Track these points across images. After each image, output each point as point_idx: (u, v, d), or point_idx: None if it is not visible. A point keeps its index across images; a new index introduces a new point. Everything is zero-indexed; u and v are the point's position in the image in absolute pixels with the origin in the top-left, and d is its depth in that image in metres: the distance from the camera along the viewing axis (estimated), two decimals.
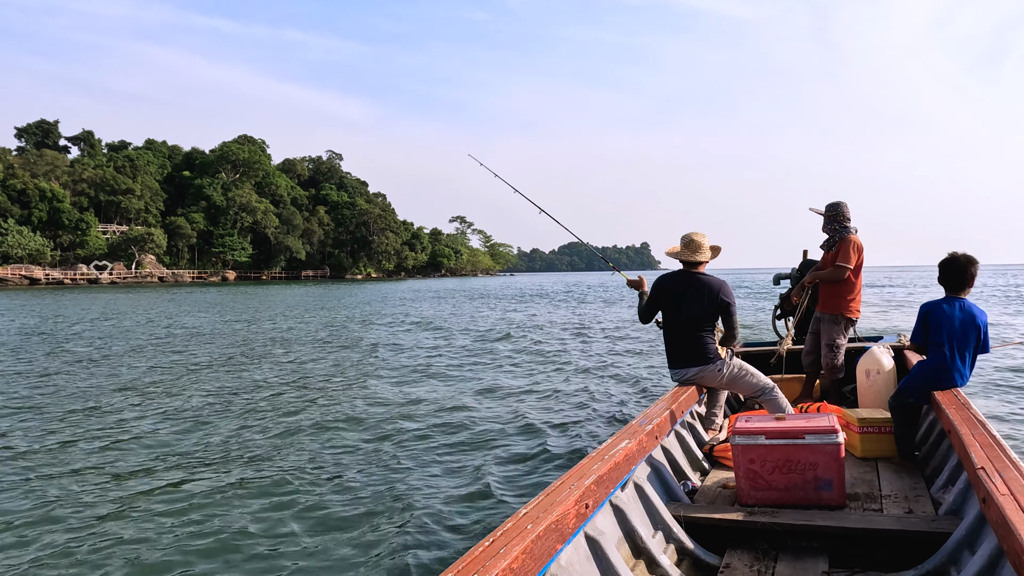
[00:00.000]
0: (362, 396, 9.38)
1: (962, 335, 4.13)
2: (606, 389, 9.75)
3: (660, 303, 4.92)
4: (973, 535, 2.78)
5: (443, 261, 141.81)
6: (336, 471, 5.83)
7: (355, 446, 6.67)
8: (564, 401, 8.88)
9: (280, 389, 10.01)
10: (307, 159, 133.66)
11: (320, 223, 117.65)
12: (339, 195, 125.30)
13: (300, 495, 5.20)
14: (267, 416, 8.07)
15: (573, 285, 71.78)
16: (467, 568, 1.87)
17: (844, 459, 3.51)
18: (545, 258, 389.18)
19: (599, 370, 11.73)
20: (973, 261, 4.18)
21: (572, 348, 15.12)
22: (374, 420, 7.84)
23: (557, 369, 11.90)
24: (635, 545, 2.99)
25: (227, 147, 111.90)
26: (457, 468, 5.85)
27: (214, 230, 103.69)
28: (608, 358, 13.17)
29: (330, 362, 13.24)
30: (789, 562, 3.03)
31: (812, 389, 6.03)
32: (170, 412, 8.39)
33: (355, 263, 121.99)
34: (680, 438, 4.42)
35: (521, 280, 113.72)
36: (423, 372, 11.89)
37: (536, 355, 14.04)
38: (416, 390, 9.89)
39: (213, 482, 5.49)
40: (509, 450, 6.42)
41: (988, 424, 3.35)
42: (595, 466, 2.82)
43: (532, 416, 7.87)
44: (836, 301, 5.75)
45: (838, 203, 5.89)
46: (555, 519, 2.26)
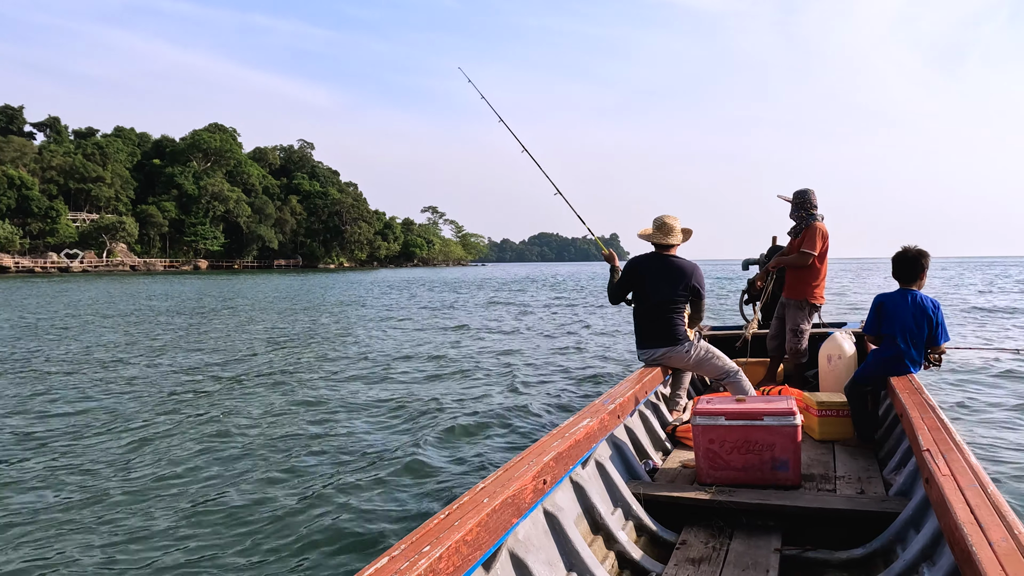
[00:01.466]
0: (323, 379, 9.38)
1: (915, 326, 4.22)
2: (573, 370, 9.77)
3: (631, 284, 4.98)
4: (919, 515, 2.84)
5: (415, 251, 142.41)
6: (289, 447, 5.90)
7: (314, 427, 6.66)
8: (529, 382, 8.91)
9: (248, 379, 9.76)
10: (278, 148, 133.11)
11: (292, 212, 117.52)
12: (311, 184, 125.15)
13: (249, 469, 5.28)
14: (232, 404, 7.87)
15: (552, 276, 71.77)
16: (421, 540, 1.89)
17: (801, 441, 3.57)
18: (515, 248, 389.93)
19: (566, 351, 11.86)
20: (924, 254, 4.30)
21: (540, 330, 15.16)
22: (338, 402, 7.82)
23: (523, 352, 11.87)
24: (594, 521, 3.04)
25: (198, 135, 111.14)
26: (418, 448, 5.82)
27: (186, 219, 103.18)
28: (575, 339, 13.18)
29: (306, 348, 13.26)
30: (744, 539, 3.10)
31: (776, 373, 6.09)
32: (130, 401, 8.17)
33: (328, 253, 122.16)
34: (644, 418, 4.51)
35: (494, 271, 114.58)
36: (389, 355, 11.86)
37: (504, 337, 14.03)
38: (381, 372, 9.91)
39: (152, 477, 5.25)
40: (472, 430, 6.41)
41: (938, 409, 3.40)
42: (555, 443, 2.85)
43: (496, 397, 7.92)
44: (801, 287, 5.79)
45: (805, 191, 5.92)
46: (512, 493, 2.28)
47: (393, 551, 1.83)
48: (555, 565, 2.58)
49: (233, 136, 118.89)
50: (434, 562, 1.78)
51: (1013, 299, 24.41)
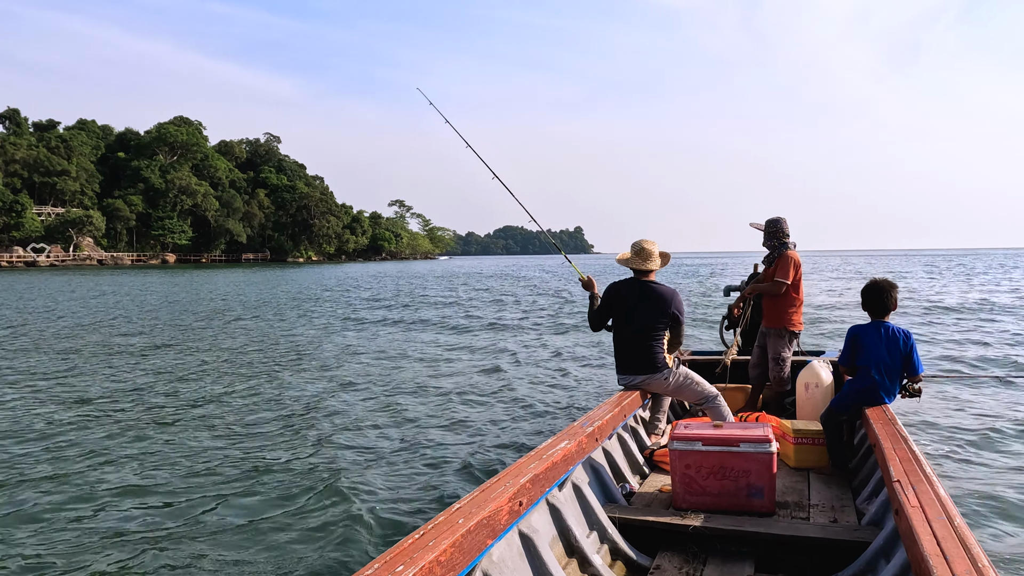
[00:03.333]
0: (298, 391, 9.24)
1: (888, 358, 4.25)
2: (551, 390, 9.55)
3: (611, 310, 4.96)
4: (890, 545, 2.85)
5: (384, 244, 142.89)
6: (266, 464, 5.81)
7: (286, 440, 6.63)
8: (507, 402, 8.70)
9: (211, 383, 9.74)
10: (244, 141, 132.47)
11: (260, 206, 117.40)
12: (279, 178, 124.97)
13: (226, 490, 5.19)
14: (198, 412, 7.89)
15: (524, 269, 71.52)
16: (394, 560, 1.88)
17: (777, 469, 3.58)
18: (480, 241, 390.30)
19: (544, 370, 11.41)
20: (893, 286, 4.37)
21: (520, 346, 14.55)
22: (309, 415, 7.72)
23: (501, 369, 11.38)
24: (569, 544, 3.04)
25: (164, 128, 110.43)
26: (394, 467, 5.78)
27: (153, 213, 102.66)
28: (555, 357, 12.78)
29: (269, 353, 12.96)
30: (717, 565, 3.11)
31: (757, 400, 6.10)
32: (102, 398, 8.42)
33: (296, 246, 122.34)
34: (622, 441, 4.51)
35: (463, 263, 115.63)
36: (363, 366, 11.55)
37: (481, 353, 13.48)
38: (355, 384, 9.72)
39: (128, 481, 5.37)
40: (448, 450, 6.34)
41: (910, 440, 3.42)
42: (532, 464, 2.84)
43: (474, 417, 7.78)
44: (779, 316, 5.85)
45: (778, 219, 5.98)
46: (487, 515, 2.27)
47: (366, 570, 1.84)
48: None
49: (199, 129, 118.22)
50: None
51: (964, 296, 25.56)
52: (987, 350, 12.76)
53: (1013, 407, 8.05)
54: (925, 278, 39.91)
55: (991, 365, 11.47)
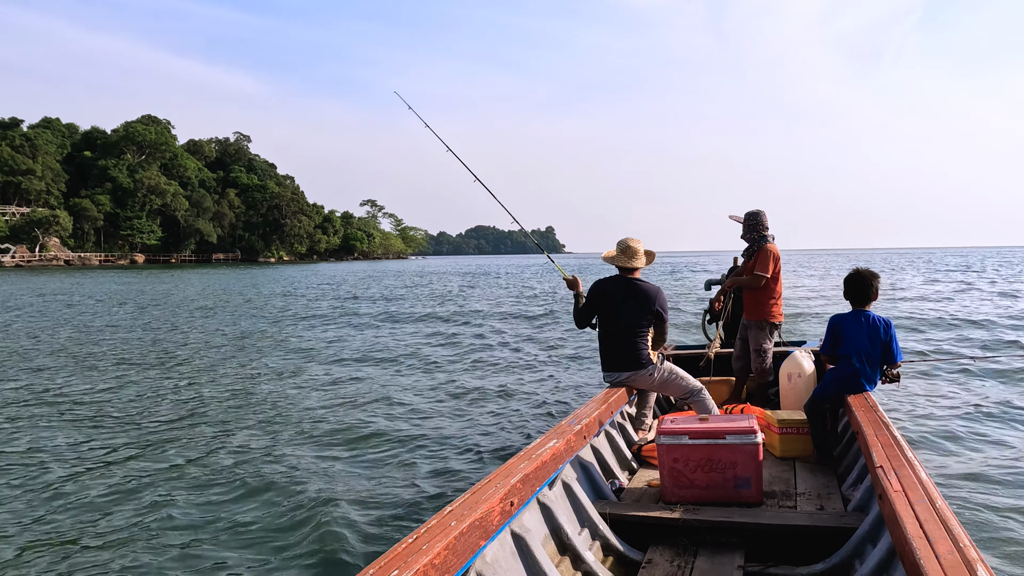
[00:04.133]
0: (282, 393, 9.17)
1: (869, 346, 4.29)
2: (537, 389, 9.62)
3: (597, 308, 4.98)
4: (875, 530, 2.88)
5: (356, 244, 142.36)
6: (253, 470, 5.73)
7: (272, 445, 6.56)
8: (494, 401, 8.73)
9: (189, 384, 9.73)
10: (214, 141, 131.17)
11: (231, 206, 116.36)
12: (249, 178, 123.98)
13: (216, 495, 5.15)
14: (175, 415, 7.83)
15: (504, 268, 71.22)
16: (389, 565, 1.90)
17: (763, 459, 3.60)
18: (452, 241, 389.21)
19: (530, 369, 11.46)
20: (875, 275, 4.39)
21: (503, 345, 14.71)
22: (293, 419, 7.66)
23: (486, 369, 11.53)
24: (561, 542, 3.06)
25: (131, 127, 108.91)
26: (384, 470, 5.77)
27: (121, 212, 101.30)
28: (539, 356, 12.93)
29: (242, 356, 12.79)
30: (708, 557, 3.12)
31: (741, 392, 6.12)
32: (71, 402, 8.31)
33: (267, 246, 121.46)
34: (610, 438, 4.53)
35: (438, 263, 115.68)
36: (346, 369, 11.51)
37: (467, 353, 13.62)
38: (340, 388, 9.67)
39: (109, 486, 5.35)
40: (438, 452, 6.33)
41: (892, 426, 3.45)
42: (522, 464, 2.86)
43: (462, 417, 7.79)
44: (759, 308, 5.88)
45: (757, 212, 5.99)
46: (479, 516, 2.28)
47: None
48: None
49: (167, 128, 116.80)
50: None
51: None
52: (957, 336, 13.86)
53: (985, 389, 8.66)
54: (890, 272, 41.18)
55: (964, 349, 12.40)
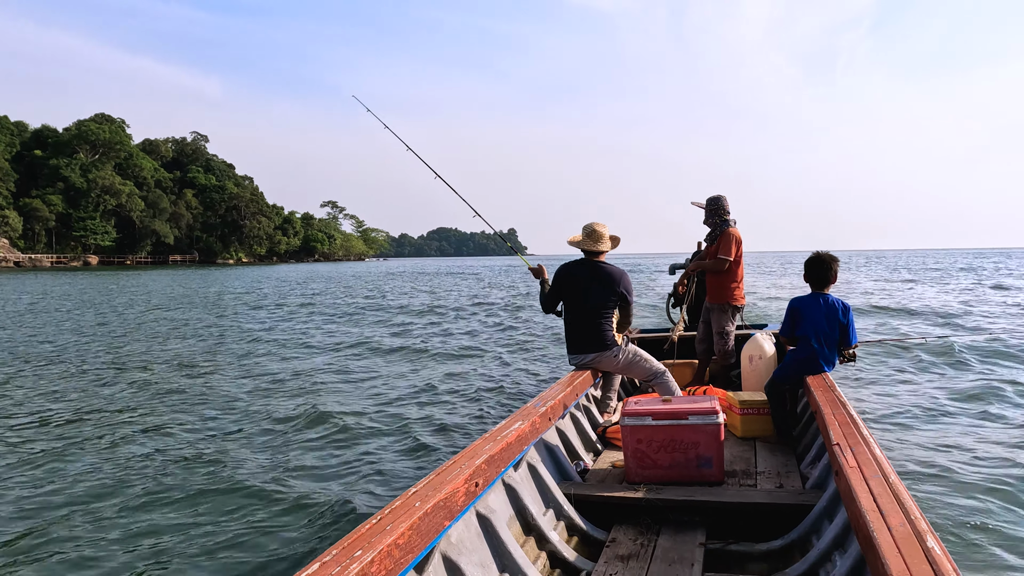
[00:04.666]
0: (244, 384, 9.09)
1: (827, 327, 4.36)
2: (504, 374, 9.70)
3: (563, 291, 5.02)
4: (832, 506, 2.95)
5: (316, 246, 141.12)
6: (218, 458, 5.67)
7: (236, 433, 6.52)
8: (461, 389, 8.76)
9: (153, 378, 9.54)
10: (170, 140, 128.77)
11: (188, 207, 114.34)
12: (207, 178, 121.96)
13: (179, 483, 5.10)
14: (142, 411, 7.61)
15: (473, 268, 71.31)
16: (352, 545, 1.90)
17: (724, 439, 3.66)
18: (414, 243, 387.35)
19: (497, 355, 11.66)
20: (835, 259, 4.45)
21: (468, 334, 14.92)
22: (258, 408, 7.59)
23: (454, 359, 11.59)
24: (526, 522, 3.09)
25: (84, 126, 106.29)
26: (351, 457, 5.77)
27: (74, 213, 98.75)
28: (507, 345, 13.08)
29: (203, 351, 12.57)
30: (670, 535, 3.18)
31: (704, 374, 6.20)
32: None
33: (226, 248, 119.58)
34: (575, 420, 4.58)
35: (403, 264, 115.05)
36: (312, 359, 11.54)
37: (432, 341, 13.86)
38: (305, 380, 9.57)
39: (75, 486, 5.09)
40: (405, 437, 6.35)
41: (848, 405, 3.53)
42: (487, 446, 2.87)
43: (428, 405, 7.82)
44: (721, 291, 5.96)
45: (718, 197, 6.05)
46: (444, 497, 2.30)
47: (324, 556, 1.84)
48: (488, 567, 2.62)
49: (122, 127, 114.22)
50: (366, 566, 1.80)
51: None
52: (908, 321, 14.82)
53: (936, 369, 9.29)
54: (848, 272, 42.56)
55: (914, 332, 13.32)
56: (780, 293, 30.12)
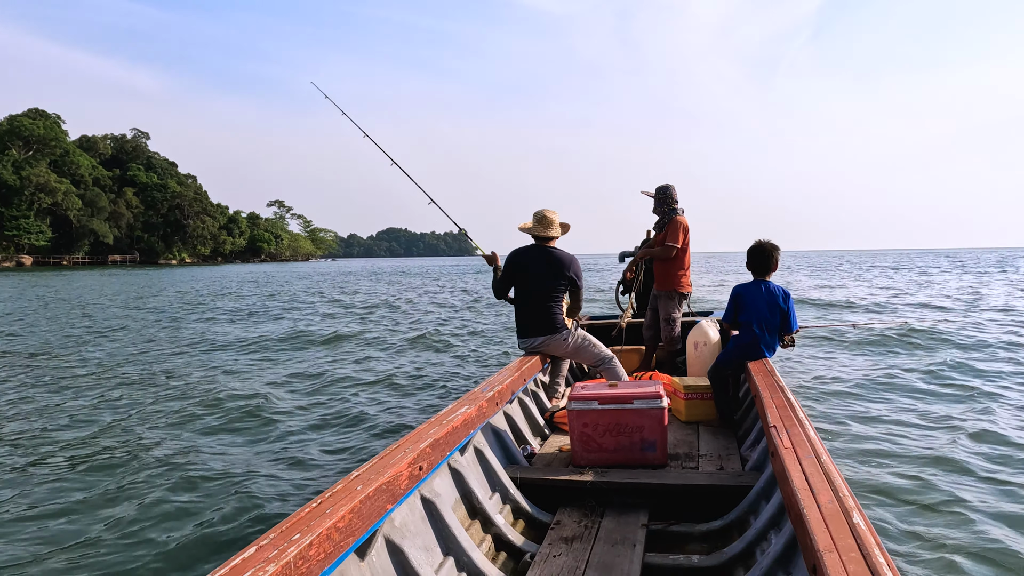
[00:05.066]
0: (189, 383, 8.74)
1: (768, 314, 4.46)
2: (455, 363, 9.82)
3: (514, 276, 5.05)
4: (769, 487, 3.04)
5: (263, 246, 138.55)
6: (150, 453, 5.54)
7: (172, 429, 6.37)
8: (411, 377, 8.86)
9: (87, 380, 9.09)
10: (109, 137, 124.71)
11: (128, 205, 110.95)
12: (148, 176, 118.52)
13: (117, 477, 4.99)
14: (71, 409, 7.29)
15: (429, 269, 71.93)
16: (291, 529, 1.87)
17: (669, 423, 3.74)
18: (363, 243, 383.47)
19: (447, 344, 11.82)
20: (776, 247, 4.55)
21: (418, 325, 15.00)
22: (198, 402, 7.43)
23: (403, 348, 11.72)
24: (472, 506, 3.09)
25: (16, 121, 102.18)
26: (295, 447, 5.74)
27: (6, 211, 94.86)
28: (457, 332, 13.31)
29: (148, 354, 11.77)
30: (614, 516, 3.22)
31: (651, 360, 6.30)
32: None
33: (168, 248, 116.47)
34: (523, 405, 4.63)
35: (353, 265, 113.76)
36: (257, 353, 11.44)
37: (383, 334, 13.93)
38: (253, 371, 9.55)
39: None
40: (351, 427, 6.33)
41: (787, 389, 3.62)
42: (432, 430, 2.87)
43: (377, 393, 7.83)
44: (669, 279, 6.03)
45: (667, 186, 6.13)
46: (387, 480, 2.28)
47: (262, 540, 1.82)
48: (431, 550, 2.63)
49: (57, 123, 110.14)
50: (304, 549, 1.79)
51: None
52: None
53: (867, 354, 10.09)
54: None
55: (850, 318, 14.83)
56: (726, 279, 31.15)
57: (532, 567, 2.76)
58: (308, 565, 1.80)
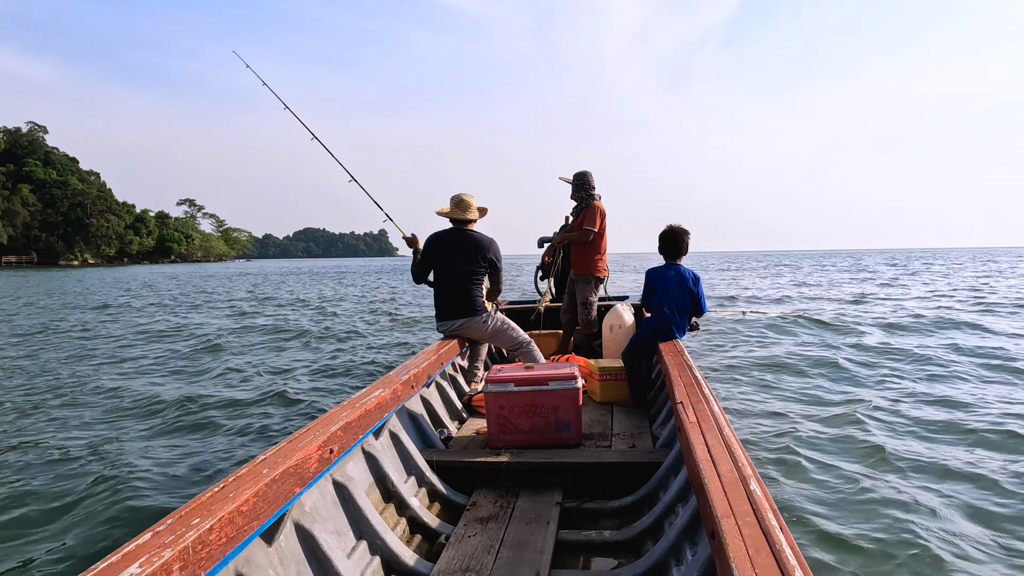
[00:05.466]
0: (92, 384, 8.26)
1: (679, 296, 4.59)
2: (372, 351, 9.94)
3: (433, 259, 5.02)
4: (678, 462, 3.13)
5: (173, 246, 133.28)
6: (47, 447, 5.45)
7: (83, 415, 6.35)
8: (329, 366, 8.91)
9: None
10: (2, 131, 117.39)
11: (24, 203, 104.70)
12: (46, 172, 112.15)
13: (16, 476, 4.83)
14: None
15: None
16: (190, 513, 1.81)
17: (584, 404, 3.81)
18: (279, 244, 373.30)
19: (364, 338, 11.87)
20: (686, 232, 4.68)
21: (337, 317, 15.19)
22: (106, 396, 7.33)
23: (317, 338, 11.75)
24: (386, 489, 3.09)
25: None
26: (205, 439, 5.65)
27: None
28: (373, 322, 13.46)
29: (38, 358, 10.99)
30: (529, 496, 3.28)
31: (568, 343, 6.41)
32: None
33: (69, 248, 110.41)
34: (440, 389, 4.63)
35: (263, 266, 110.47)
36: (167, 348, 11.40)
37: (304, 326, 13.92)
38: (162, 366, 9.49)
39: None
40: (262, 416, 6.28)
41: (695, 368, 3.74)
42: (344, 413, 2.85)
43: (294, 383, 7.82)
44: (585, 263, 6.11)
45: (584, 173, 6.22)
46: (294, 463, 2.26)
47: (158, 526, 1.76)
48: (344, 534, 2.61)
49: None
50: (204, 533, 1.74)
51: None
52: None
53: (768, 337, 11.28)
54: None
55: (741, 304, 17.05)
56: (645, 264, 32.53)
57: (447, 548, 2.79)
58: (208, 550, 1.75)
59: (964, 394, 6.81)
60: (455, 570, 2.62)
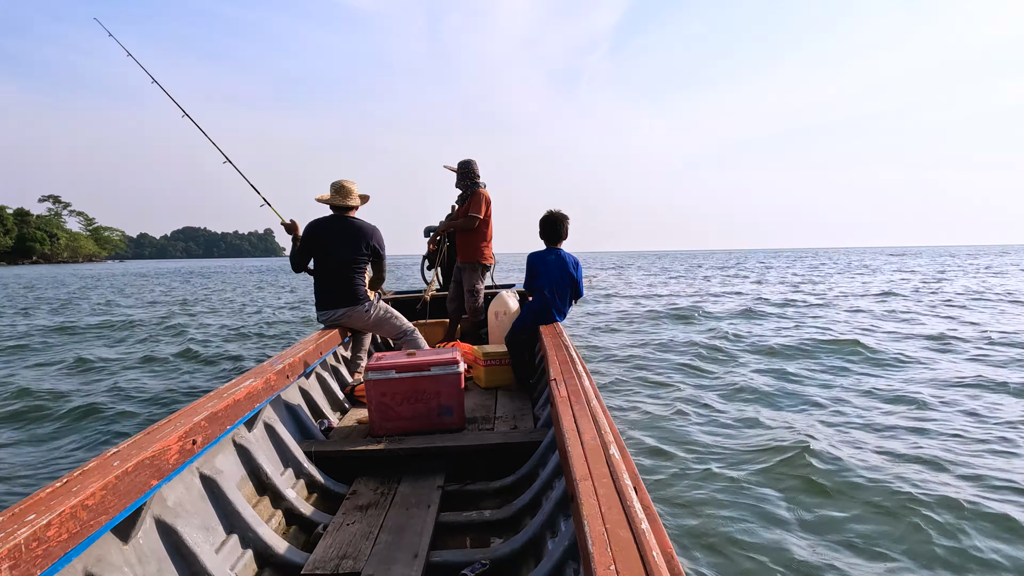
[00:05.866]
0: None
1: (559, 280, 4.70)
2: (250, 346, 9.84)
3: (313, 247, 4.89)
4: (558, 440, 3.09)
5: (34, 246, 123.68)
6: None
7: None
8: (207, 365, 8.65)
9: None
10: None
11: None
12: None
13: None
14: None
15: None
16: (26, 510, 1.70)
17: (468, 389, 3.89)
18: (156, 244, 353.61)
19: (244, 334, 11.72)
20: (565, 217, 4.79)
21: (215, 313, 15.03)
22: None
23: (201, 340, 11.42)
24: (260, 482, 3.01)
25: None
26: (66, 437, 5.47)
27: None
28: (254, 321, 13.20)
29: None
30: (410, 482, 3.29)
31: (455, 331, 6.46)
32: None
33: None
34: (321, 379, 4.57)
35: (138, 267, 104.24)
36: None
37: (182, 324, 13.67)
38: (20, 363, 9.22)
39: None
40: (129, 414, 6.07)
41: (572, 348, 3.85)
42: (210, 403, 2.75)
43: (161, 382, 7.58)
44: (471, 251, 6.15)
45: (469, 161, 6.24)
46: (150, 455, 2.15)
47: None
48: (212, 528, 2.53)
49: None
50: (40, 530, 1.64)
51: None
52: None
53: (648, 325, 12.51)
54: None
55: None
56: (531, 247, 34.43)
57: (324, 536, 2.76)
58: (46, 547, 1.66)
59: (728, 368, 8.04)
60: (332, 558, 2.58)
